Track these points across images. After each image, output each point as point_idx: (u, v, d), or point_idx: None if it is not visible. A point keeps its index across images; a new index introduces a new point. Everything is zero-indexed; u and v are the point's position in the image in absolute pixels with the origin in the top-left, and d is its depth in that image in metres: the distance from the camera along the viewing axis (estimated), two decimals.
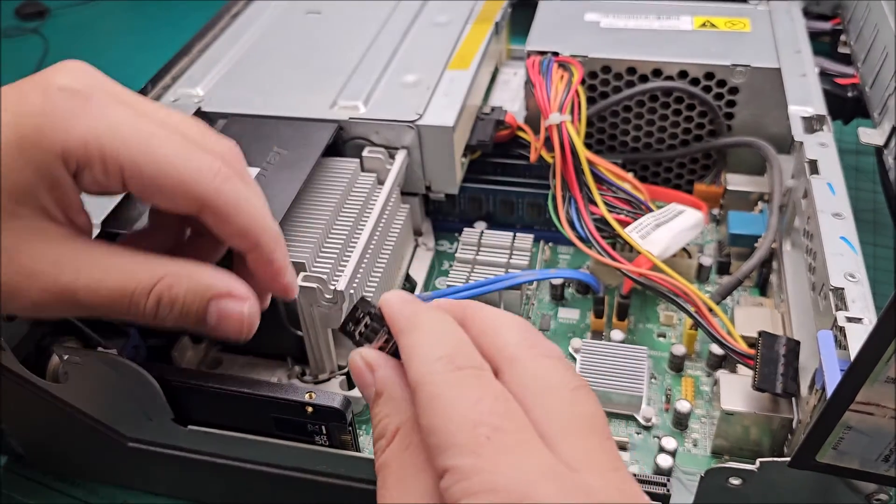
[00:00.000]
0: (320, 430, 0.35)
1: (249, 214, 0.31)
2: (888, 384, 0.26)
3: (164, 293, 0.29)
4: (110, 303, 0.29)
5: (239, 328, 0.31)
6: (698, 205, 0.50)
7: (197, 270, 0.30)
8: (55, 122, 0.27)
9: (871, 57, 0.54)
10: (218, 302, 0.30)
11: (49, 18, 0.96)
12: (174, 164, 0.29)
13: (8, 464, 0.46)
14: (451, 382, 0.23)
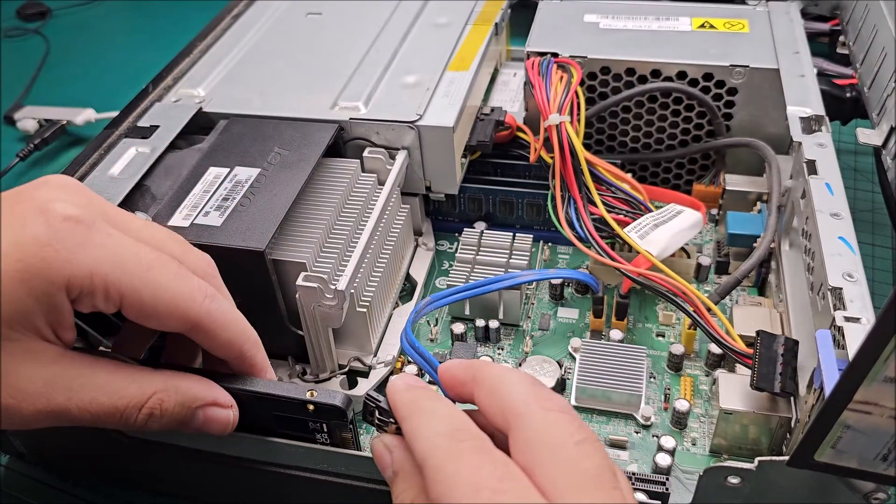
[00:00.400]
0: (321, 427, 0.35)
1: (234, 329, 0.33)
2: (886, 383, 0.26)
3: (155, 408, 0.31)
4: (103, 418, 0.31)
5: (223, 429, 0.34)
6: (697, 205, 0.50)
7: (184, 383, 0.33)
8: (61, 254, 0.28)
9: (869, 58, 0.54)
10: (205, 410, 0.33)
11: (50, 19, 0.96)
12: (170, 290, 0.31)
13: (9, 462, 0.46)
14: (453, 454, 0.25)
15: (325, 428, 0.35)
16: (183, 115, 0.49)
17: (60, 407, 0.29)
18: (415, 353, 0.38)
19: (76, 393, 0.30)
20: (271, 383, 0.35)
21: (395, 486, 0.29)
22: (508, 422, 0.27)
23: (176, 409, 0.32)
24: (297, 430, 0.36)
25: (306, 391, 0.34)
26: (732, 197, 0.53)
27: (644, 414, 0.43)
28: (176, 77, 0.54)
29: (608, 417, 0.43)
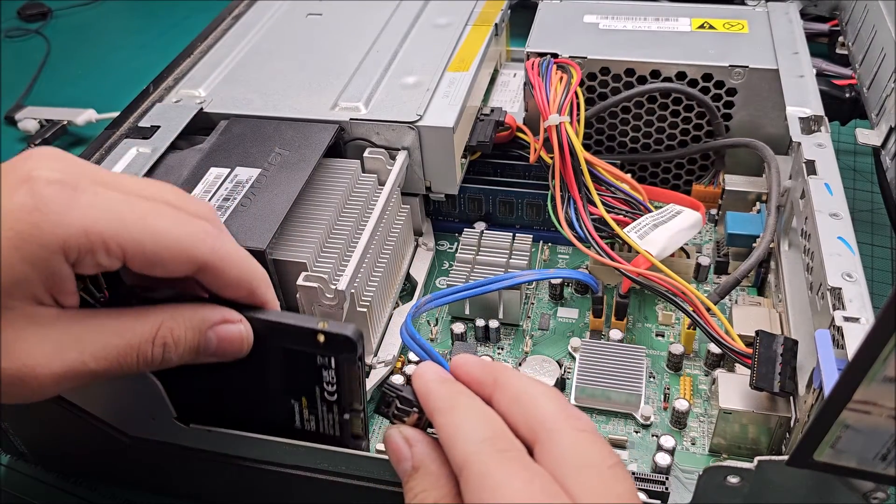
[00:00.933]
0: (329, 363, 0.33)
1: (242, 266, 0.33)
2: (885, 383, 0.26)
3: (168, 337, 0.31)
4: (120, 362, 0.30)
5: (240, 346, 0.33)
6: (696, 205, 0.50)
7: (189, 308, 0.32)
8: (51, 217, 0.28)
9: (868, 58, 0.54)
10: (216, 329, 0.32)
11: (51, 19, 0.96)
12: (173, 234, 0.30)
13: (10, 462, 0.47)
14: (500, 462, 0.25)
15: (334, 364, 0.34)
16: (184, 116, 0.50)
17: (75, 362, 0.29)
18: (415, 345, 0.38)
19: (87, 344, 0.29)
20: (282, 313, 0.35)
21: (412, 482, 0.28)
22: (537, 435, 0.27)
23: (188, 334, 0.31)
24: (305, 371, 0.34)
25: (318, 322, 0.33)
26: (732, 197, 0.53)
27: (644, 413, 0.43)
28: (177, 77, 0.54)
29: (608, 417, 0.43)
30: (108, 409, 0.40)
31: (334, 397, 0.34)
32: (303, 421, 0.35)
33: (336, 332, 0.32)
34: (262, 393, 0.36)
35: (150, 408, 0.38)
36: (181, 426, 0.38)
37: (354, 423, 0.35)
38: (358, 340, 0.33)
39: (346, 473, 0.38)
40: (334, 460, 0.37)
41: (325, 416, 0.35)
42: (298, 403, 0.35)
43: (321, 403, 0.34)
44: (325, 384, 0.34)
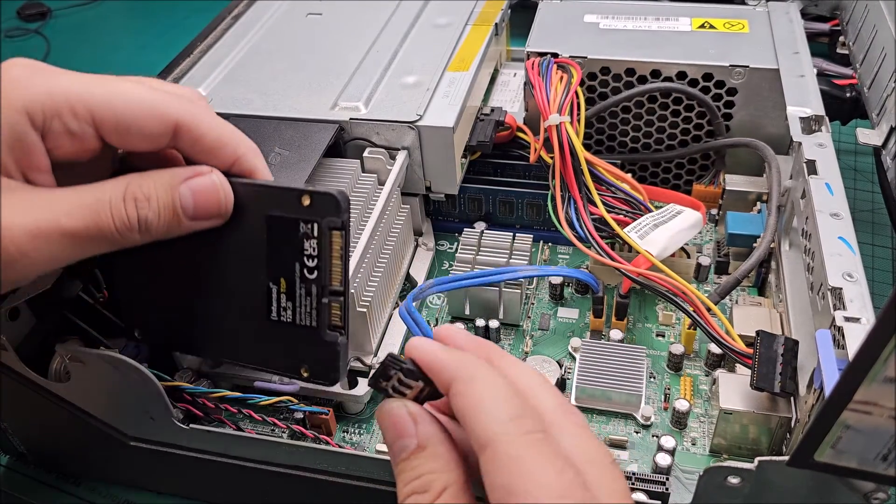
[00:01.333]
0: (312, 230, 0.32)
1: (223, 130, 0.32)
2: (886, 383, 0.26)
3: (138, 192, 0.30)
4: (94, 220, 0.29)
5: (217, 198, 0.32)
6: (697, 205, 0.50)
7: (158, 171, 0.31)
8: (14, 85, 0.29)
9: (869, 58, 0.54)
10: (188, 183, 0.31)
11: (51, 19, 0.96)
12: (143, 96, 0.30)
13: (10, 463, 0.46)
14: (529, 446, 0.24)
15: (317, 231, 0.32)
16: None
17: (48, 221, 0.29)
18: (412, 322, 0.38)
19: (58, 203, 0.29)
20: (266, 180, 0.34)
21: (416, 461, 0.26)
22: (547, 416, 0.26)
23: (160, 191, 0.31)
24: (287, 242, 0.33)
25: None
26: (732, 197, 0.53)
27: (644, 414, 0.43)
28: (176, 77, 0.54)
29: (608, 417, 0.43)
30: (107, 409, 0.40)
31: (314, 275, 0.32)
32: (279, 309, 0.33)
33: (322, 192, 0.31)
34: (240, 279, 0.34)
35: (150, 408, 0.38)
36: (181, 427, 0.38)
37: (333, 309, 0.32)
38: (343, 202, 0.31)
39: (346, 474, 0.38)
40: (333, 461, 0.37)
41: (303, 301, 0.33)
42: (277, 287, 0.33)
43: (300, 285, 0.32)
44: (305, 258, 0.32)
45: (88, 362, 0.37)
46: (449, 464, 0.26)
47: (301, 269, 0.32)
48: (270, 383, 0.43)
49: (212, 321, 0.35)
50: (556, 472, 0.23)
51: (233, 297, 0.34)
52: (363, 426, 0.43)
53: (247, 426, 0.42)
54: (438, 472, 0.26)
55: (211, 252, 0.34)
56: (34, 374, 0.38)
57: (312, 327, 0.33)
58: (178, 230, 0.32)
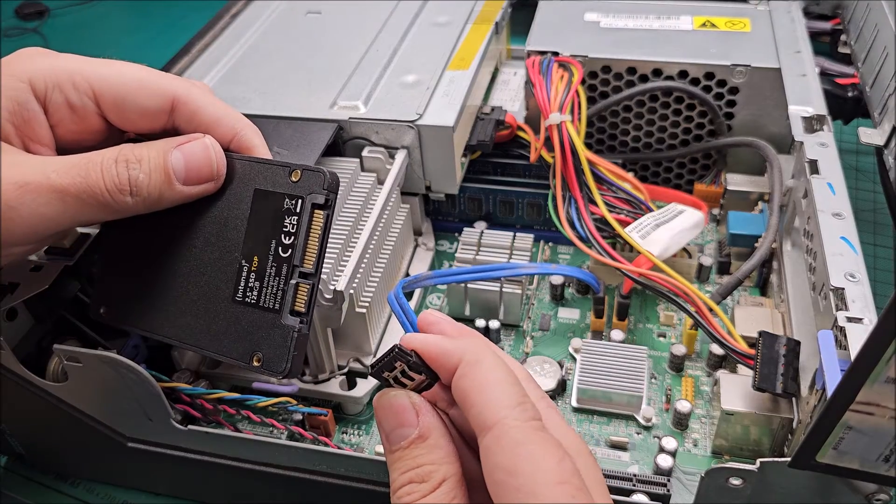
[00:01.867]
0: (295, 207, 0.32)
1: (220, 108, 0.33)
2: (888, 384, 0.26)
3: (130, 154, 0.31)
4: (83, 179, 0.30)
5: (208, 160, 0.32)
6: (698, 205, 0.50)
7: (148, 141, 0.32)
8: (19, 59, 0.30)
9: (871, 57, 0.53)
10: (181, 147, 0.32)
11: (49, 18, 0.96)
12: (141, 72, 0.32)
13: (8, 463, 0.46)
14: (533, 433, 0.25)
15: (300, 207, 0.32)
16: None
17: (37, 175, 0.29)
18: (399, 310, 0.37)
19: (51, 163, 0.30)
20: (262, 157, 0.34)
21: (416, 451, 0.26)
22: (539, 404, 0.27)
23: (151, 153, 0.31)
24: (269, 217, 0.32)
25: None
26: (734, 197, 0.52)
27: (645, 415, 0.42)
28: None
29: (609, 418, 0.43)
30: (105, 410, 0.39)
31: (288, 253, 0.32)
32: (246, 289, 0.33)
33: (313, 168, 0.31)
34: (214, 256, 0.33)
35: (148, 409, 0.38)
36: (179, 428, 0.38)
37: (300, 291, 0.32)
38: (332, 180, 0.31)
39: (345, 475, 0.38)
40: (333, 462, 0.37)
41: (270, 281, 0.32)
42: (248, 266, 0.33)
43: (272, 263, 0.32)
44: (283, 235, 0.32)
45: (86, 363, 0.37)
46: (449, 456, 0.26)
47: (276, 247, 0.32)
48: (269, 384, 0.43)
49: (177, 301, 0.34)
50: (557, 460, 0.24)
51: (203, 275, 0.34)
52: (362, 427, 0.43)
53: (245, 427, 0.42)
54: (438, 464, 0.26)
55: (194, 229, 0.33)
56: (32, 374, 0.38)
57: (274, 310, 0.32)
58: (170, 195, 0.32)
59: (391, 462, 0.27)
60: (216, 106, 0.33)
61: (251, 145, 0.34)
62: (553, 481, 0.23)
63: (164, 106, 0.32)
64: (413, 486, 0.25)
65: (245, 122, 0.34)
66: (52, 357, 0.40)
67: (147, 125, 0.32)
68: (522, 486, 0.23)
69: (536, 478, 0.23)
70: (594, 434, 0.42)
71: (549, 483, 0.23)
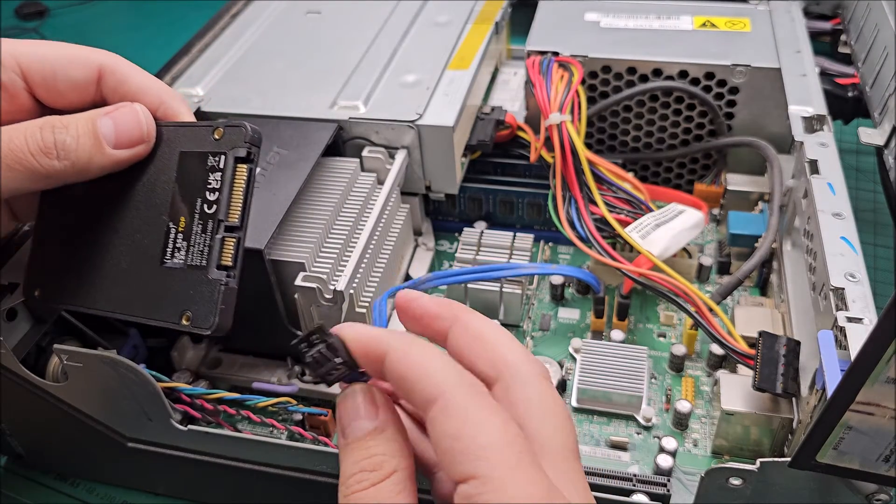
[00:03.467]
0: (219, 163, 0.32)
1: (147, 75, 0.34)
2: (888, 384, 0.26)
3: (56, 122, 0.31)
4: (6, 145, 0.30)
5: (138, 123, 0.33)
6: (698, 205, 0.49)
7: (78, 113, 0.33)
8: None
9: (871, 57, 0.53)
10: (111, 114, 0.32)
11: (48, 18, 0.96)
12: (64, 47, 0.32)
13: (7, 464, 0.46)
14: (475, 398, 0.25)
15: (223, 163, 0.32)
16: None
17: None
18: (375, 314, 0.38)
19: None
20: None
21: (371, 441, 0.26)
22: (501, 375, 0.27)
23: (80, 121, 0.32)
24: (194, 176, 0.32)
25: None
26: (734, 197, 0.52)
27: (645, 415, 0.42)
28: (174, 76, 0.54)
29: (609, 418, 0.43)
30: (105, 410, 0.39)
31: (213, 209, 0.32)
32: (174, 251, 0.32)
33: (234, 124, 0.32)
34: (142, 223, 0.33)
35: (148, 409, 0.38)
36: (179, 428, 0.38)
37: (226, 245, 0.32)
38: (254, 135, 0.31)
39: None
40: (333, 462, 0.37)
41: (196, 240, 0.32)
42: (175, 228, 0.33)
43: (198, 221, 0.32)
44: (208, 192, 0.32)
45: (86, 363, 0.37)
46: (402, 451, 0.26)
47: (202, 205, 0.32)
48: (269, 384, 0.43)
49: (109, 272, 0.34)
50: (502, 422, 0.24)
51: (132, 243, 0.34)
52: None
53: (245, 427, 0.42)
54: (391, 456, 0.26)
55: (123, 199, 0.33)
56: (32, 374, 0.38)
57: (202, 266, 0.32)
58: (101, 159, 0.32)
59: (345, 453, 0.27)
60: (142, 75, 0.34)
61: (177, 113, 0.34)
62: (500, 441, 0.23)
63: (91, 77, 0.32)
64: (364, 474, 0.26)
65: (170, 92, 0.34)
66: (52, 357, 0.40)
67: (76, 98, 0.33)
68: (467, 447, 0.23)
69: (480, 440, 0.23)
70: (594, 434, 0.42)
71: (496, 443, 0.23)
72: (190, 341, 0.45)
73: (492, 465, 0.23)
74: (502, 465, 0.23)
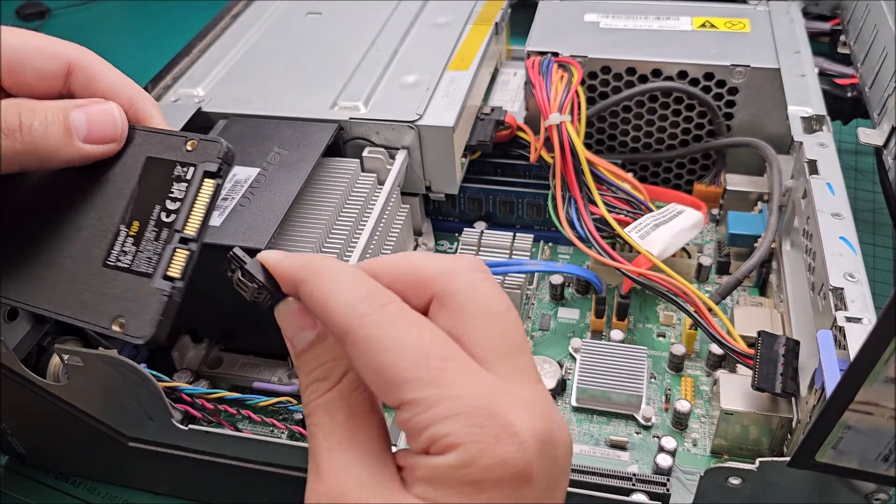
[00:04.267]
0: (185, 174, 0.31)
1: (119, 74, 0.33)
2: (887, 384, 0.26)
3: (23, 104, 0.30)
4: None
5: (112, 119, 0.32)
6: (698, 205, 0.50)
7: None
8: None
9: (870, 57, 0.54)
10: (84, 108, 0.31)
11: (50, 19, 0.96)
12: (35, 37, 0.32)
13: (9, 463, 0.46)
14: (385, 320, 0.24)
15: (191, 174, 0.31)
16: (182, 115, 0.49)
17: None
18: None
19: None
20: None
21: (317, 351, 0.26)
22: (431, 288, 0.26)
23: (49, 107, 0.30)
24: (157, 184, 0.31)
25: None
26: (733, 197, 0.52)
27: (644, 414, 0.42)
28: (175, 76, 0.54)
29: (608, 418, 0.43)
30: (105, 410, 0.39)
31: (171, 218, 0.31)
32: (119, 254, 0.31)
33: (210, 139, 0.31)
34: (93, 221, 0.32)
35: (148, 409, 0.38)
36: (179, 427, 0.38)
37: (177, 257, 0.30)
38: (228, 153, 0.31)
39: None
40: None
41: (147, 246, 0.31)
42: (126, 231, 0.31)
43: (152, 228, 0.31)
44: (168, 201, 0.31)
45: (87, 362, 0.37)
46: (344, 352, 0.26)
47: (159, 212, 0.31)
48: (269, 384, 0.43)
49: (48, 268, 0.33)
50: (416, 336, 0.23)
51: (79, 242, 0.32)
52: None
53: (245, 427, 0.42)
54: (339, 359, 0.26)
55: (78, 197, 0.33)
56: (32, 374, 0.38)
57: (147, 273, 0.31)
58: (68, 150, 0.31)
59: (298, 366, 0.27)
60: (114, 74, 0.33)
61: (147, 115, 0.33)
62: (416, 359, 0.23)
63: (61, 70, 0.32)
64: (317, 384, 0.26)
65: (142, 94, 0.33)
66: (53, 357, 0.40)
67: (43, 90, 0.32)
68: (390, 378, 0.23)
69: (400, 364, 0.23)
70: (594, 434, 0.42)
71: (413, 362, 0.23)
72: (191, 341, 0.45)
73: (417, 384, 0.22)
74: (426, 384, 0.22)
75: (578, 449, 0.42)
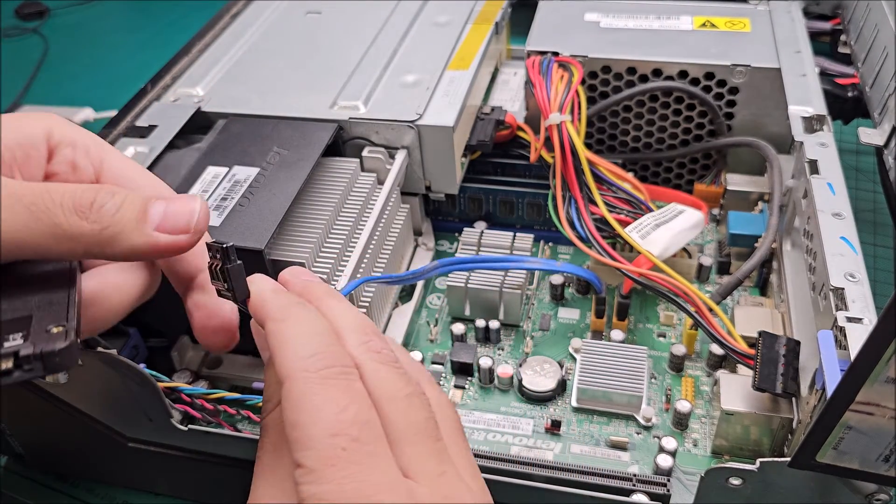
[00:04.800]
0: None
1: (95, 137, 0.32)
2: (888, 384, 0.26)
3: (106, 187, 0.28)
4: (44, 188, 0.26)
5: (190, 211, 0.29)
6: (698, 205, 0.49)
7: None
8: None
9: (871, 57, 0.53)
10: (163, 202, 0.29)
11: (49, 18, 0.96)
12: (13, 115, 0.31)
13: (8, 463, 0.46)
14: (319, 382, 0.25)
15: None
16: (181, 115, 0.49)
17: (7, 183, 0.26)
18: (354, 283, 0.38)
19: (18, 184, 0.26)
20: None
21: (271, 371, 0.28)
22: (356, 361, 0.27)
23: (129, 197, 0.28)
24: None
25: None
26: (734, 197, 0.52)
27: (645, 415, 0.42)
28: (174, 76, 0.54)
29: (609, 418, 0.43)
30: (105, 410, 0.39)
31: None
32: None
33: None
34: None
35: (148, 409, 0.38)
36: (179, 428, 0.38)
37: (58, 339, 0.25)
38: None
39: None
40: None
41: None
42: None
43: None
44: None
45: (86, 363, 0.37)
46: None
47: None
48: None
49: None
50: (338, 410, 0.24)
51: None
52: None
53: (245, 427, 0.42)
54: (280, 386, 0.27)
55: None
56: None
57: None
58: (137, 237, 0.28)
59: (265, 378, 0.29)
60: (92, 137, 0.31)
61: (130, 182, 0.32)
62: (326, 433, 0.24)
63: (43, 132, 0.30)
64: (265, 403, 0.28)
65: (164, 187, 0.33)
66: None
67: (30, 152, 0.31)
68: (299, 438, 0.24)
69: (311, 430, 0.24)
70: (594, 434, 0.42)
71: (322, 435, 0.24)
72: (190, 341, 0.45)
73: (316, 457, 0.23)
74: (323, 460, 0.23)
75: (579, 449, 0.42)
